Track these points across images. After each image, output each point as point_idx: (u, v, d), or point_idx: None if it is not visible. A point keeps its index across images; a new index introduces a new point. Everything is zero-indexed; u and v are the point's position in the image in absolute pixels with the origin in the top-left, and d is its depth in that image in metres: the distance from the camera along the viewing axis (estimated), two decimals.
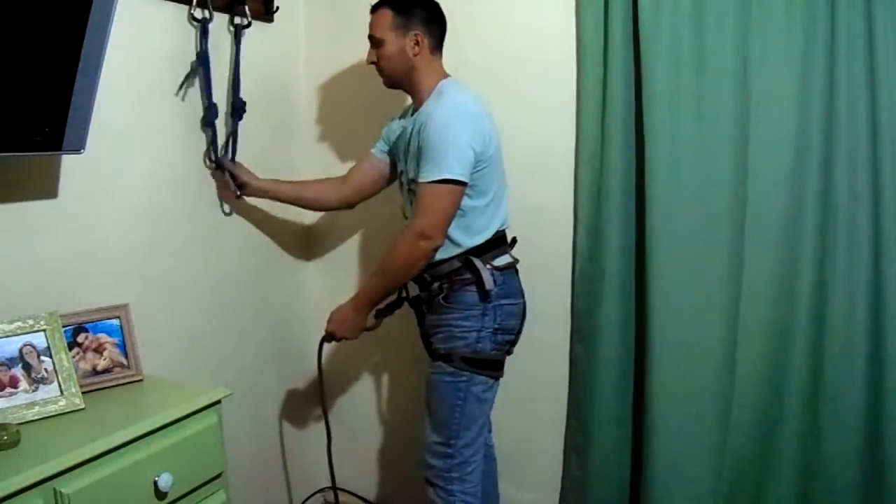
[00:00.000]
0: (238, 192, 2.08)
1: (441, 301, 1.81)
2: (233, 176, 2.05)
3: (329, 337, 1.98)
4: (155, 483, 1.37)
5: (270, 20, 2.25)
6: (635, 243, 2.00)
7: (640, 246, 1.98)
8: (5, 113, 1.36)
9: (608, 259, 2.00)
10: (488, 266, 1.78)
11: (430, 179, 1.69)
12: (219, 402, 1.57)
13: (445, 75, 1.86)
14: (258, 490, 2.29)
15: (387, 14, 1.80)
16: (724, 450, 1.94)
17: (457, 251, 1.79)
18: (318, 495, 2.61)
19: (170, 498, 1.41)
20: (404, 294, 1.96)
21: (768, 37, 1.83)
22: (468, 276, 1.78)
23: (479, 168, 1.73)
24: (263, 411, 2.33)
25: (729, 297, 1.90)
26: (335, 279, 2.44)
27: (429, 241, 1.73)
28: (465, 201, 1.75)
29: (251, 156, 2.15)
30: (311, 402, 2.57)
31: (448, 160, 1.67)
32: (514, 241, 1.94)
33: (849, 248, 1.83)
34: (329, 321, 1.96)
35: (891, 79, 1.74)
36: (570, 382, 2.16)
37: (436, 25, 1.83)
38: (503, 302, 1.80)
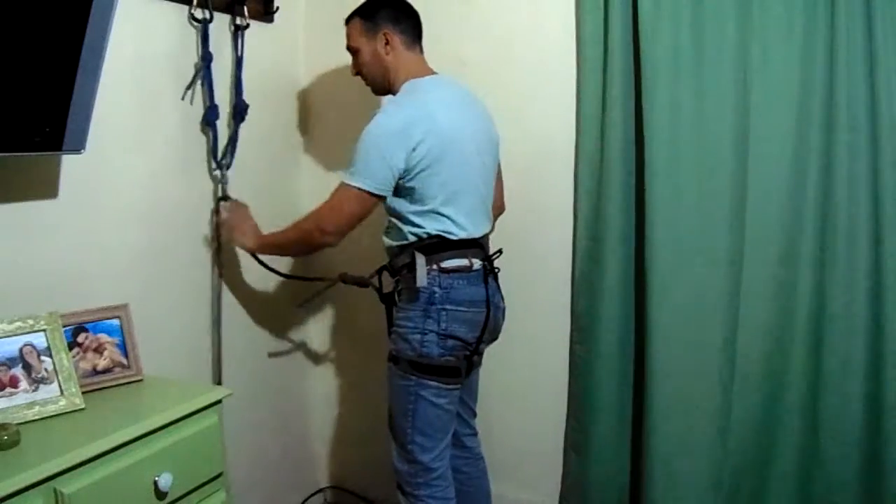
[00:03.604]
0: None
1: (396, 298, 1.78)
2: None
3: (222, 220, 2.02)
4: (155, 483, 1.37)
5: (270, 20, 2.25)
6: (635, 243, 2.00)
7: (639, 246, 1.98)
8: (5, 113, 1.36)
9: (608, 259, 2.00)
10: (434, 266, 1.70)
11: (344, 180, 1.70)
12: (219, 402, 1.57)
13: (423, 72, 1.81)
14: (258, 490, 2.29)
15: (356, 22, 1.83)
16: (724, 449, 1.95)
17: (408, 242, 1.74)
18: (318, 495, 2.61)
19: (170, 498, 1.41)
20: (377, 285, 1.90)
21: (768, 37, 1.83)
22: (412, 272, 1.71)
23: (407, 177, 1.68)
24: (263, 411, 2.33)
25: (729, 296, 1.90)
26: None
27: (323, 236, 1.76)
28: (403, 206, 1.72)
29: (251, 156, 2.15)
30: (311, 401, 2.57)
31: (361, 168, 1.67)
32: (499, 252, 1.86)
33: (848, 247, 1.83)
34: (237, 218, 1.99)
35: (891, 79, 1.74)
36: (570, 382, 2.16)
37: (406, 22, 1.82)
38: (449, 307, 1.70)
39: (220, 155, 2.03)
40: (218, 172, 2.05)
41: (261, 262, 2.09)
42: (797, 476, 1.93)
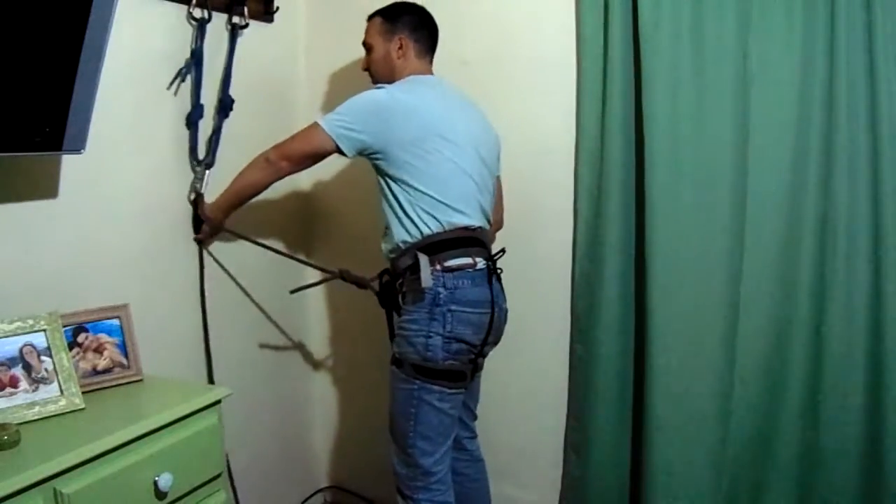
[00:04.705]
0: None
1: (400, 301, 1.78)
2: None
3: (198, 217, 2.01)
4: (155, 483, 1.37)
5: (270, 20, 2.25)
6: (635, 243, 2.00)
7: (640, 246, 1.98)
8: (5, 113, 1.36)
9: (608, 259, 2.00)
10: (438, 266, 1.69)
11: (318, 120, 1.74)
12: (219, 402, 1.57)
13: (425, 74, 1.85)
14: (258, 490, 2.29)
15: (377, 21, 1.87)
16: (724, 448, 1.95)
17: (408, 241, 1.73)
18: (318, 495, 2.61)
19: (170, 498, 1.41)
20: (377, 289, 1.90)
21: (768, 35, 1.83)
22: (416, 274, 1.69)
23: (378, 157, 1.71)
24: (263, 411, 2.33)
25: (729, 295, 1.90)
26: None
27: (271, 159, 1.81)
28: (392, 185, 1.73)
29: (250, 157, 2.14)
30: (311, 401, 2.57)
31: (335, 119, 1.72)
32: (502, 251, 1.86)
33: (849, 247, 1.82)
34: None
35: (891, 78, 1.74)
36: (570, 382, 2.16)
37: (422, 32, 1.85)
38: (454, 307, 1.68)
39: (199, 153, 2.00)
40: (198, 170, 2.01)
41: (254, 241, 2.12)
42: (797, 476, 1.93)
